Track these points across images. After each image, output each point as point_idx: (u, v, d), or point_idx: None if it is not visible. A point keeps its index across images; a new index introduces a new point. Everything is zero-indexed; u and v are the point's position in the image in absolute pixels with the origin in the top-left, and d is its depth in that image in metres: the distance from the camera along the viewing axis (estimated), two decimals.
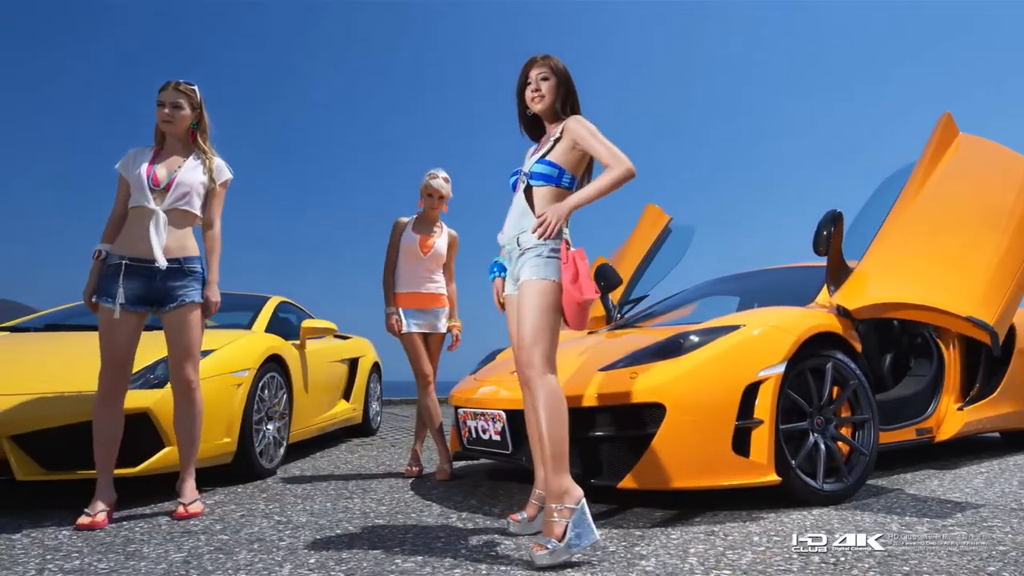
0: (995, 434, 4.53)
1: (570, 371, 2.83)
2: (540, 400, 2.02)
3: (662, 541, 2.13)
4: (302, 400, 4.22)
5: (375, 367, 6.18)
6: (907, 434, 3.34)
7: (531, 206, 2.20)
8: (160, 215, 2.59)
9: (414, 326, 3.60)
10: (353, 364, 5.65)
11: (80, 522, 2.37)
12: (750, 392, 2.53)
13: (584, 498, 1.96)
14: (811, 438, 2.69)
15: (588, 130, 2.18)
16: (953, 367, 3.60)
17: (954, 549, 1.99)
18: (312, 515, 2.60)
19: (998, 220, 3.05)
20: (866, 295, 2.98)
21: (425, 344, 3.65)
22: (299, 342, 4.38)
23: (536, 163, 2.21)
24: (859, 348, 2.97)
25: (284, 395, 3.88)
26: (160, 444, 2.84)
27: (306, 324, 4.45)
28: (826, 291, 3.23)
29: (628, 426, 2.55)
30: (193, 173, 2.69)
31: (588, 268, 2.16)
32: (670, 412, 2.45)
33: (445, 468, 3.51)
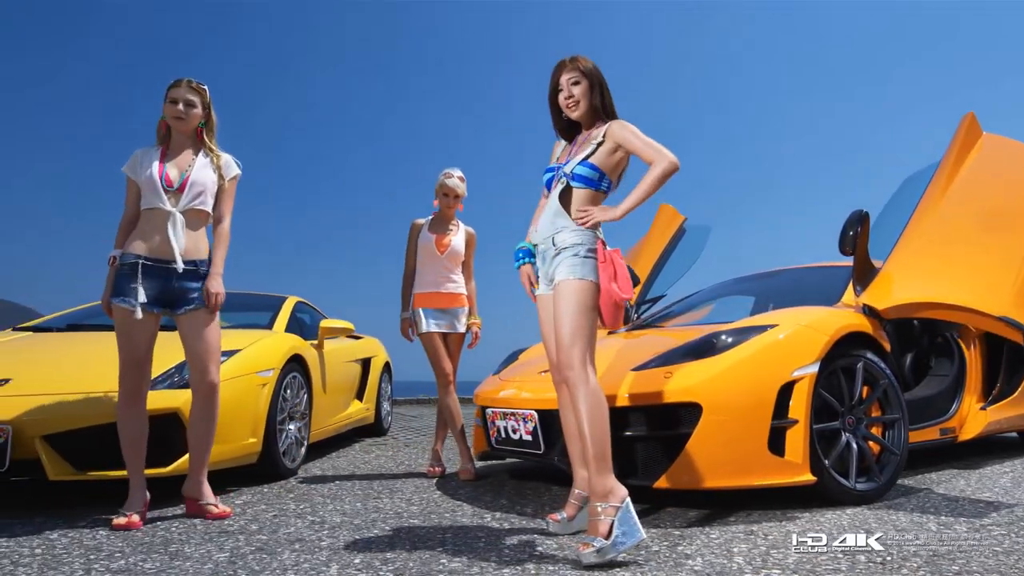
0: (1012, 434, 4.54)
1: (600, 371, 2.82)
2: (581, 401, 2.01)
3: (704, 541, 2.13)
4: (320, 400, 4.21)
5: (386, 367, 6.17)
6: (931, 434, 3.35)
7: (564, 207, 2.20)
8: (177, 216, 2.56)
9: (433, 325, 3.59)
10: (366, 364, 5.64)
11: (116, 522, 2.35)
12: (784, 392, 2.53)
13: (628, 497, 1.96)
14: (843, 438, 2.69)
15: (632, 132, 2.17)
16: (975, 367, 3.61)
17: (999, 549, 1.99)
18: (345, 515, 2.59)
19: None
20: (894, 295, 2.98)
21: (444, 343, 3.64)
22: (317, 342, 4.37)
23: (579, 164, 2.20)
24: (888, 348, 2.98)
25: (305, 395, 3.87)
26: None
27: (324, 324, 4.44)
28: (851, 291, 3.23)
29: (663, 426, 2.56)
30: (204, 171, 2.65)
31: (625, 267, 2.16)
32: (706, 412, 2.45)
33: (468, 468, 3.50)
